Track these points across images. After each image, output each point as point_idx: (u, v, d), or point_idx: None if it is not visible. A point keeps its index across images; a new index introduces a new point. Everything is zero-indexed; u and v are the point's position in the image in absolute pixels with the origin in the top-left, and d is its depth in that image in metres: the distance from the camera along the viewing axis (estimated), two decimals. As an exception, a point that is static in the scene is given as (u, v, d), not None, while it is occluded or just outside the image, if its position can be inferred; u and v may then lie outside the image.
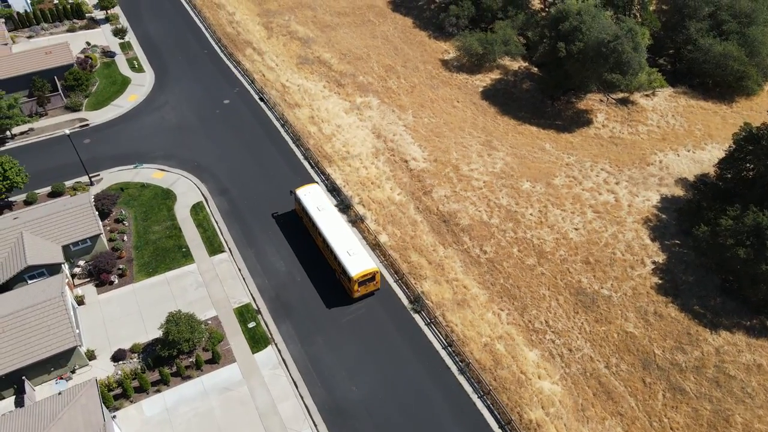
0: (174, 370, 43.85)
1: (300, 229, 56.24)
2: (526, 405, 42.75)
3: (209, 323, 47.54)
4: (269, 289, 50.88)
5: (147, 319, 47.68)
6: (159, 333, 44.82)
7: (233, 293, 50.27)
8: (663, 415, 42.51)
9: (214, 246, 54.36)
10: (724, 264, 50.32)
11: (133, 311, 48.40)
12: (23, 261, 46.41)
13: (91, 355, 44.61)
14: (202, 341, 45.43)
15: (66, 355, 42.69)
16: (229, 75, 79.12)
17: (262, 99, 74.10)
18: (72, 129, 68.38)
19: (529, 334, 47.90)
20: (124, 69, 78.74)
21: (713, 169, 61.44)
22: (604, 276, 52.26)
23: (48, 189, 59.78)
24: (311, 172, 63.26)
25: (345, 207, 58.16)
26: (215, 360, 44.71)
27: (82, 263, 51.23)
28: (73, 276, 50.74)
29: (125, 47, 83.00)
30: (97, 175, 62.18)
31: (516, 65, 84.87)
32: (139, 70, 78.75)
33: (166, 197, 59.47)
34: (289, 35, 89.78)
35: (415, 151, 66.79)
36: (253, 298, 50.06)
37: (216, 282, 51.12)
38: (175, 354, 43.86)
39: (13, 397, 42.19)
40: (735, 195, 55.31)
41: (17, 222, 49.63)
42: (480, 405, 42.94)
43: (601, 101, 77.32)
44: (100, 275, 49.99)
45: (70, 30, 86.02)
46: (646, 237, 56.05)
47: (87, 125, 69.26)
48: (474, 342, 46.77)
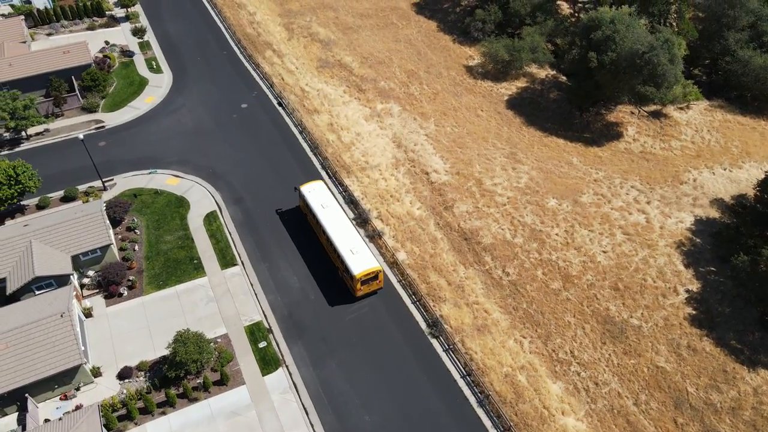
0: (180, 391, 42.22)
1: (307, 232, 54.83)
2: (548, 443, 40.39)
3: (219, 341, 45.85)
4: (282, 307, 49.03)
5: (155, 335, 46.15)
6: (167, 350, 43.25)
7: (244, 310, 48.52)
8: (696, 461, 39.87)
9: (226, 258, 52.67)
10: (764, 296, 47.23)
11: (142, 326, 46.90)
12: (31, 272, 45.16)
13: (97, 372, 43.19)
14: (210, 361, 43.73)
15: (71, 373, 41.32)
16: (248, 78, 77.42)
17: (280, 104, 72.26)
18: (87, 131, 67.28)
19: (553, 364, 45.38)
20: (142, 69, 77.47)
21: (752, 191, 58.07)
22: (633, 304, 49.46)
23: (61, 193, 58.66)
24: (329, 182, 61.22)
25: (362, 221, 56.06)
26: (224, 382, 43.00)
27: (91, 273, 49.91)
28: (82, 287, 49.43)
29: (144, 47, 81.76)
30: (111, 180, 60.91)
31: (543, 73, 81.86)
32: (157, 70, 77.42)
33: (179, 205, 57.95)
34: (310, 37, 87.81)
35: (437, 163, 64.40)
36: (265, 315, 48.27)
37: (227, 297, 49.42)
38: (182, 375, 42.22)
39: (16, 414, 40.95)
40: (777, 221, 52.15)
41: (27, 230, 48.43)
42: (499, 441, 40.73)
43: (632, 114, 74.08)
44: (109, 287, 48.60)
45: (89, 28, 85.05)
46: (679, 263, 53.06)
47: (103, 127, 68.10)
48: (494, 372, 44.40)
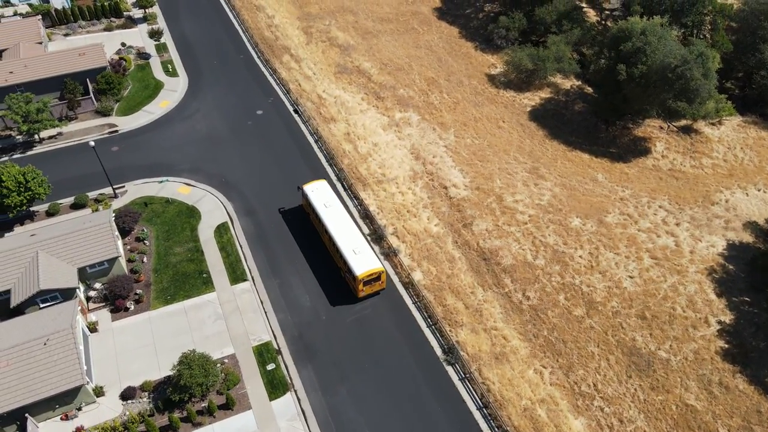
0: (184, 414, 40.59)
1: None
2: (569, 485, 38.07)
3: (225, 362, 44.17)
4: (292, 327, 47.22)
5: (161, 353, 44.63)
6: (172, 371, 41.67)
7: (253, 329, 46.79)
8: None
9: (236, 273, 51.02)
10: (803, 332, 44.40)
11: (147, 343, 45.40)
12: (36, 284, 43.89)
13: (99, 392, 41.75)
14: (216, 384, 42.04)
15: (72, 393, 39.88)
16: (264, 83, 75.81)
17: (296, 111, 70.53)
18: (100, 135, 66.18)
19: (575, 398, 42.99)
20: (157, 72, 76.27)
21: (789, 216, 55.17)
22: (661, 335, 46.83)
23: (71, 200, 57.49)
24: (344, 195, 59.32)
25: (378, 238, 54.05)
26: (229, 406, 41.26)
27: (98, 286, 48.57)
28: (88, 299, 48.11)
29: (160, 49, 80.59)
30: (122, 187, 59.64)
31: (568, 84, 79.15)
32: (173, 74, 76.17)
33: (190, 215, 56.46)
34: (329, 41, 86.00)
35: (456, 177, 62.17)
36: (275, 336, 46.49)
37: (236, 315, 47.74)
38: (187, 399, 40.59)
39: (16, 434, 39.70)
40: (817, 250, 49.13)
41: (34, 240, 47.20)
42: (517, 481, 38.49)
43: (661, 128, 71.13)
44: (115, 301, 47.20)
45: (107, 29, 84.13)
46: (710, 291, 50.27)
47: (116, 131, 66.92)
48: (513, 405, 42.12)
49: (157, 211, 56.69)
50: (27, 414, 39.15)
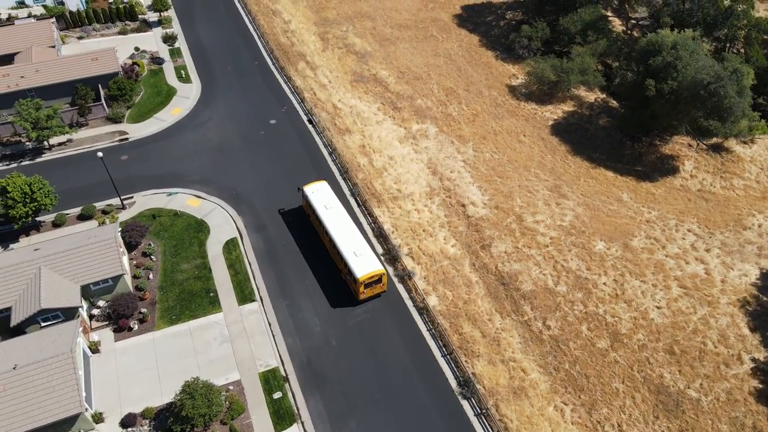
0: (186, 446, 38.81)
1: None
2: None
3: (230, 389, 42.28)
4: (300, 353, 45.21)
5: (164, 378, 42.88)
6: (174, 396, 39.90)
7: (260, 353, 44.87)
8: None
9: (244, 293, 49.16)
10: None
11: (150, 366, 43.68)
12: (37, 303, 42.37)
13: (99, 419, 40.05)
14: (220, 414, 40.17)
15: (70, 420, 38.22)
16: (279, 91, 73.98)
17: (310, 121, 68.60)
18: (111, 143, 64.83)
19: (598, 439, 40.50)
20: (170, 78, 74.78)
21: (828, 245, 52.08)
22: (691, 372, 44.11)
23: (78, 210, 56.05)
24: (357, 211, 57.24)
25: (392, 258, 51.90)
26: (233, 437, 39.43)
27: (101, 304, 46.98)
28: (91, 317, 46.53)
29: (174, 54, 79.15)
30: (131, 198, 58.13)
31: (592, 97, 76.31)
32: (186, 80, 74.63)
33: (199, 230, 54.75)
34: (346, 48, 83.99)
35: (474, 194, 59.80)
36: (282, 361, 44.52)
37: (243, 337, 45.86)
38: (189, 429, 38.76)
39: (11, 461, 38.11)
40: None
41: (37, 255, 45.72)
42: None
43: (690, 146, 68.09)
44: (119, 320, 45.56)
45: (121, 32, 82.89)
46: (743, 325, 47.43)
47: (126, 139, 65.48)
48: (531, 445, 39.78)
49: (165, 225, 55.04)
50: (23, 441, 37.58)
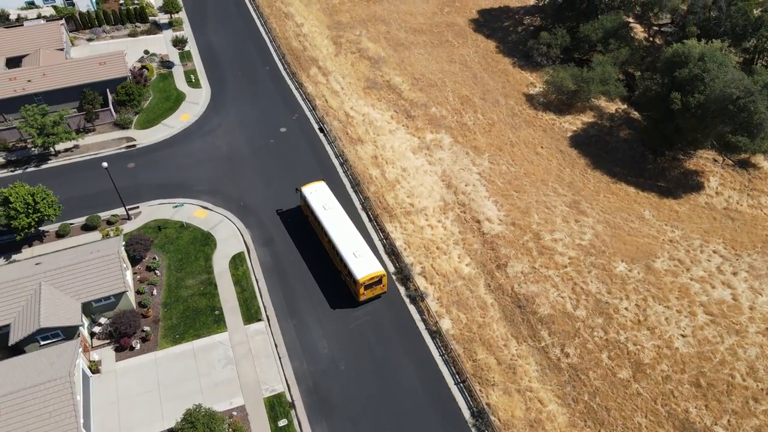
0: (187, 476, 37.17)
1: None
2: None
3: (234, 415, 40.60)
4: (307, 377, 43.41)
5: (165, 401, 41.30)
6: (176, 423, 38.28)
7: (266, 377, 43.14)
8: None
9: (250, 312, 47.46)
10: None
11: (152, 388, 42.10)
12: (36, 321, 40.92)
13: (97, 445, 38.62)
14: (222, 443, 38.52)
15: (67, 447, 36.76)
16: (290, 98, 72.18)
17: (322, 130, 66.74)
18: (117, 149, 63.45)
19: (619, 478, 38.38)
20: (180, 83, 73.25)
21: None
22: (718, 407, 41.78)
23: (82, 220, 54.68)
24: (369, 226, 55.33)
25: (404, 278, 49.94)
26: (235, 468, 37.77)
27: (103, 321, 45.49)
28: (92, 335, 45.05)
29: (184, 57, 77.62)
30: (136, 208, 56.64)
31: (613, 107, 73.77)
32: (196, 85, 73.07)
33: (205, 243, 53.13)
34: (359, 53, 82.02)
35: (490, 209, 57.67)
36: (288, 386, 42.74)
37: (248, 359, 44.16)
38: (190, 460, 37.16)
39: (6, 488, 36.71)
40: None
41: (38, 270, 44.29)
42: None
43: (715, 161, 65.47)
44: (120, 339, 44.03)
45: (131, 34, 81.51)
46: (774, 357, 45.02)
47: (134, 146, 64.02)
48: (549, 484, 37.74)
49: (171, 237, 53.48)
50: (18, 468, 36.16)
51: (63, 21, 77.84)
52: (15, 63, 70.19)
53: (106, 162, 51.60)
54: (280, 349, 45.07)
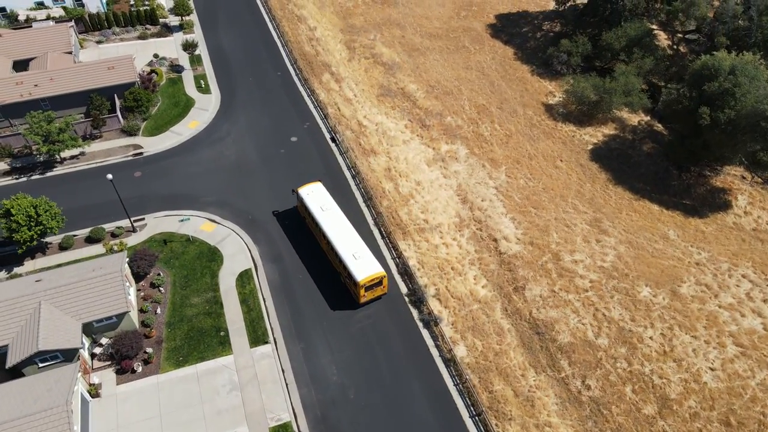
0: None
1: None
2: None
3: (238, 446, 38.85)
4: (315, 406, 41.47)
5: (167, 429, 39.57)
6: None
7: (272, 405, 41.25)
8: None
9: (257, 333, 45.60)
10: None
11: (153, 415, 40.38)
12: (34, 344, 39.29)
13: (95, 476, 37.00)
14: (225, 478, 36.78)
15: (63, 479, 35.15)
16: (301, 105, 70.20)
17: (334, 140, 64.71)
18: (124, 157, 61.87)
19: None
20: (189, 88, 71.51)
21: None
22: (750, 449, 39.41)
23: (86, 232, 53.10)
24: (381, 243, 53.27)
25: (417, 301, 47.83)
26: (238, 504, 35.96)
27: (104, 341, 43.85)
28: (93, 356, 43.43)
29: (194, 61, 75.90)
30: (142, 219, 54.99)
31: (635, 119, 71.12)
32: (206, 90, 71.30)
33: (211, 258, 51.33)
34: (373, 58, 79.88)
35: (507, 227, 55.39)
36: (295, 415, 40.83)
37: (254, 385, 42.31)
38: (190, 496, 35.43)
39: None
40: None
41: (38, 288, 42.68)
42: None
43: (744, 179, 62.73)
44: (122, 361, 42.36)
45: (141, 37, 79.91)
46: (809, 394, 42.45)
47: (141, 154, 62.38)
48: None
49: (177, 252, 51.75)
50: (12, 501, 34.63)
51: (72, 23, 76.40)
52: (22, 66, 68.84)
53: (110, 174, 49.79)
54: (287, 375, 43.16)
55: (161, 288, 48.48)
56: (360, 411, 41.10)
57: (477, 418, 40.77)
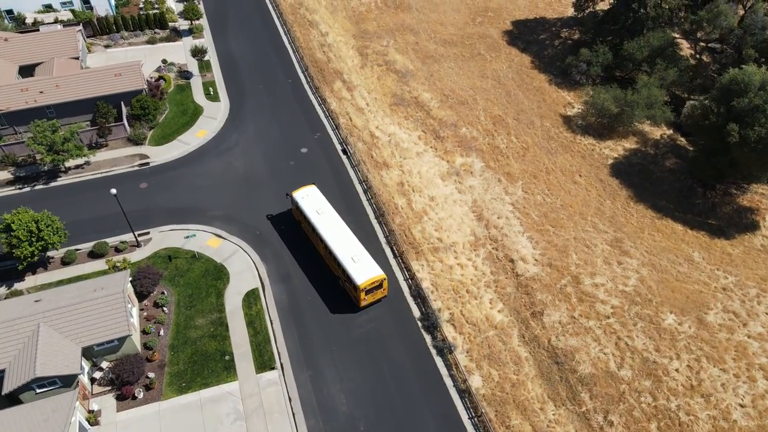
0: None
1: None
2: None
3: (242, 481, 37.05)
4: (323, 439, 39.67)
5: (168, 461, 37.91)
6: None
7: (278, 436, 39.48)
8: None
9: (263, 358, 43.77)
10: None
11: (154, 445, 38.74)
12: (32, 370, 37.67)
13: None
14: None
15: None
16: (312, 114, 68.29)
17: (345, 151, 62.75)
18: (130, 167, 60.28)
19: None
20: (198, 95, 69.82)
21: None
22: (784, 496, 37.08)
23: (90, 246, 51.54)
24: (393, 263, 51.27)
25: (430, 326, 45.79)
26: None
27: (105, 365, 42.19)
28: (93, 380, 41.77)
29: (203, 67, 74.20)
30: (147, 233, 53.35)
31: (657, 132, 68.60)
32: (214, 98, 69.57)
33: (217, 276, 49.57)
34: (386, 65, 77.81)
35: (525, 247, 53.21)
36: (302, 448, 39.06)
37: (259, 415, 40.48)
38: None
39: None
40: None
41: (37, 309, 41.07)
42: None
43: (772, 198, 60.13)
44: (122, 387, 40.67)
45: (150, 41, 78.31)
46: None
47: (147, 164, 60.76)
48: None
49: (182, 269, 50.02)
50: None
51: (80, 27, 74.97)
52: (28, 71, 67.40)
53: (114, 189, 48.18)
54: (294, 404, 41.29)
55: (165, 308, 46.77)
56: (370, 445, 39.21)
57: (493, 455, 38.74)
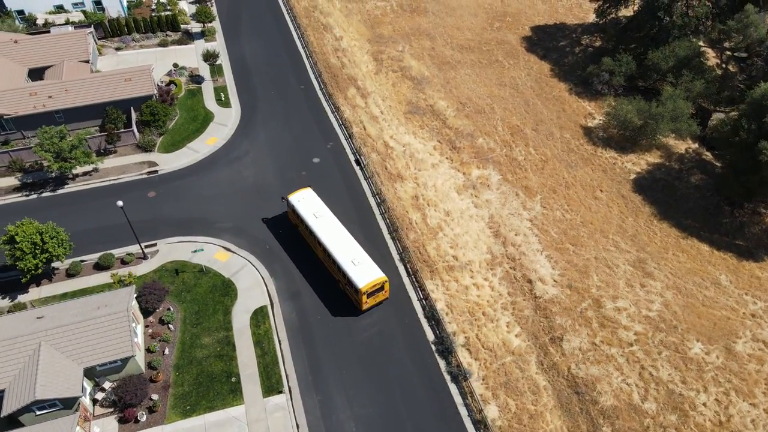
0: None
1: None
2: None
3: None
4: (331, 469, 38.02)
5: (170, 490, 36.45)
6: None
7: (284, 466, 37.89)
8: None
9: (271, 381, 42.17)
10: None
11: (156, 472, 37.30)
12: (31, 392, 36.36)
13: None
14: None
15: None
16: (325, 122, 66.60)
17: (358, 162, 60.99)
18: (139, 175, 58.96)
19: None
20: (209, 101, 68.38)
21: None
22: None
23: (95, 257, 50.25)
24: (406, 282, 49.47)
25: (444, 351, 43.92)
26: None
27: (107, 386, 40.82)
28: (94, 402, 40.41)
29: (215, 72, 72.76)
30: (154, 245, 51.98)
31: (683, 146, 66.13)
32: (225, 104, 68.09)
33: (225, 292, 48.07)
34: (401, 72, 75.91)
35: (543, 266, 51.17)
36: (309, 480, 37.45)
37: (265, 442, 38.97)
38: None
39: None
40: None
41: (39, 326, 39.77)
42: None
43: (803, 218, 57.54)
44: (125, 410, 39.27)
45: (161, 44, 77.00)
46: None
47: (156, 172, 59.40)
48: None
49: (188, 284, 48.56)
50: None
51: (91, 28, 73.80)
52: (38, 74, 66.28)
53: (121, 201, 46.75)
54: (302, 431, 39.69)
55: (171, 325, 45.33)
56: (380, 478, 37.50)
57: (510, 492, 36.86)
